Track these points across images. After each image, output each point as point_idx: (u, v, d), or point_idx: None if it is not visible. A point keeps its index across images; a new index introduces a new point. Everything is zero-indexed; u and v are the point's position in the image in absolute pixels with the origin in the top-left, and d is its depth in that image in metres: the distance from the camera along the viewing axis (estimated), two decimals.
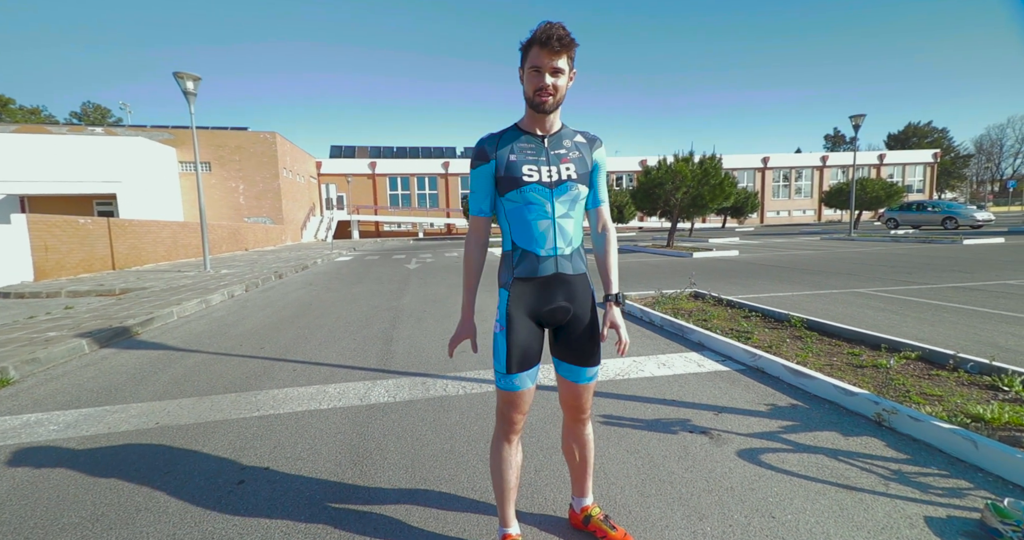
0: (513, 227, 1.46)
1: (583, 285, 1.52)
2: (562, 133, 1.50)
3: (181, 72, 9.72)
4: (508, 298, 1.47)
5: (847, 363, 3.33)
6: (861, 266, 9.30)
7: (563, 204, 1.45)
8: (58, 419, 2.84)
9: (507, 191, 1.43)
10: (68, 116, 50.47)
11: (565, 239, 1.46)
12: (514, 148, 1.43)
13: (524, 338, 1.45)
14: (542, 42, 1.30)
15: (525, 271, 1.46)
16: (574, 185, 1.46)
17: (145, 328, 5.18)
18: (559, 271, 1.46)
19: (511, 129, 1.48)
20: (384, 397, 3.09)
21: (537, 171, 1.43)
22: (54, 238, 9.82)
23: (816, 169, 41.97)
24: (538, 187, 1.42)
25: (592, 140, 1.54)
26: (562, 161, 1.46)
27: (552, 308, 1.48)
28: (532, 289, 1.46)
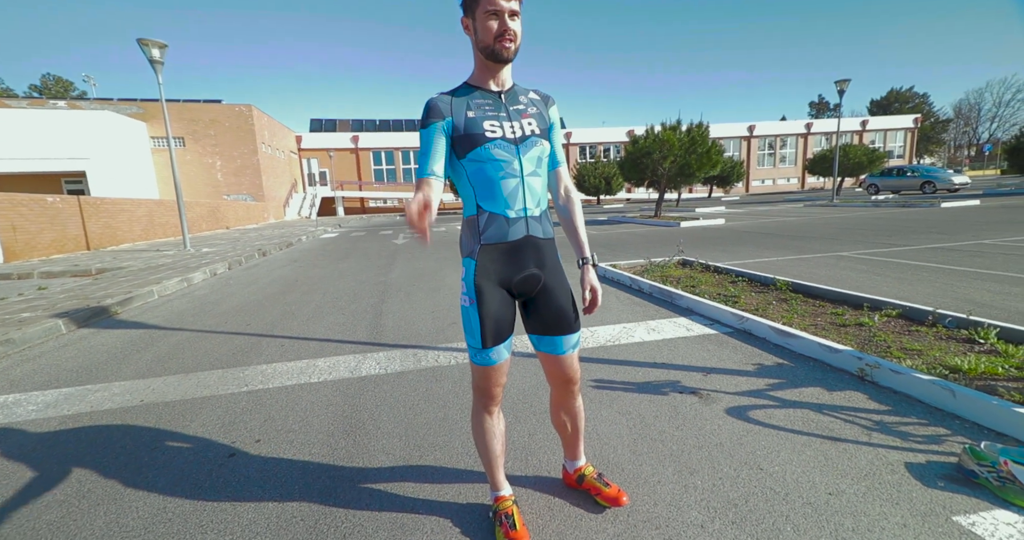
0: (478, 189, 1.35)
1: (552, 250, 1.47)
2: (516, 89, 1.43)
3: (145, 39, 9.12)
4: (475, 268, 1.38)
5: (831, 322, 3.39)
6: (843, 231, 9.44)
7: (530, 161, 1.37)
8: (37, 399, 2.77)
9: (468, 150, 1.32)
10: (27, 90, 47.61)
11: (534, 198, 1.39)
12: (470, 104, 1.33)
13: (496, 309, 1.38)
14: None
15: (494, 236, 1.37)
16: (538, 140, 1.39)
17: (125, 307, 5.04)
18: (530, 234, 1.39)
19: (462, 87, 1.38)
20: (375, 369, 3.07)
21: (499, 127, 1.33)
22: (22, 217, 9.40)
23: (800, 137, 41.97)
24: (503, 143, 1.33)
25: (545, 98, 1.49)
26: (523, 116, 1.39)
27: (524, 276, 1.41)
28: (502, 255, 1.38)
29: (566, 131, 38.80)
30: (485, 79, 1.37)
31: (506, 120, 1.36)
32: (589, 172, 30.69)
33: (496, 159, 1.33)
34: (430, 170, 1.30)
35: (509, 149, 1.34)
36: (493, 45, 1.27)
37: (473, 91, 1.36)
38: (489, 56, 1.30)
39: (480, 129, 1.31)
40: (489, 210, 1.36)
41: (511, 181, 1.35)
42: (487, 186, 1.34)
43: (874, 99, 60.74)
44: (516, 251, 1.39)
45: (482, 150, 1.32)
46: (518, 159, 1.36)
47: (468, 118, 1.32)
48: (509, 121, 1.36)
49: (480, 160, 1.33)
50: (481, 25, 1.26)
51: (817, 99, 68.09)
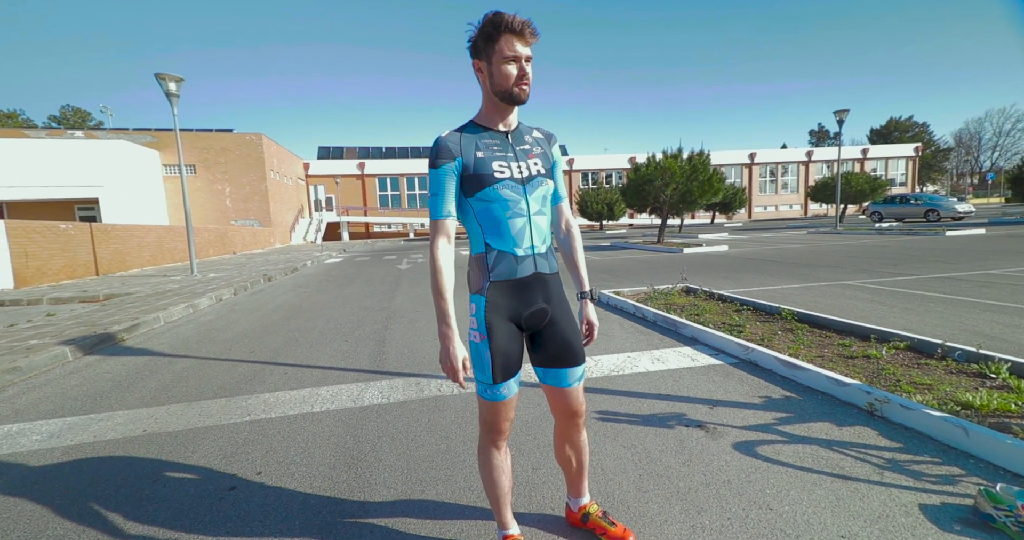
0: (485, 228, 1.38)
1: (558, 284, 1.51)
2: (521, 128, 1.47)
3: (163, 73, 9.54)
4: (486, 304, 1.40)
5: (838, 354, 3.36)
6: (848, 258, 9.43)
7: (536, 200, 1.41)
8: (41, 429, 2.76)
9: (477, 190, 1.35)
10: (47, 120, 49.38)
11: (540, 236, 1.43)
12: (479, 144, 1.36)
13: (506, 344, 1.40)
14: (516, 30, 1.26)
15: (503, 273, 1.39)
16: (544, 180, 1.43)
17: (131, 334, 5.07)
18: (538, 270, 1.43)
19: (469, 126, 1.41)
20: (378, 398, 3.05)
21: (508, 167, 1.37)
22: (34, 244, 9.58)
23: (802, 164, 42.54)
24: (511, 183, 1.36)
25: (548, 136, 1.54)
26: (529, 156, 1.43)
27: (533, 311, 1.44)
28: (511, 292, 1.41)
29: (568, 158, 39.57)
30: (494, 119, 1.40)
31: (514, 160, 1.39)
32: (592, 198, 31.11)
33: (504, 199, 1.36)
34: (446, 211, 1.35)
35: (517, 189, 1.38)
36: (511, 89, 1.31)
37: (481, 131, 1.39)
38: (505, 99, 1.33)
39: (489, 169, 1.35)
40: (498, 248, 1.39)
41: (518, 220, 1.39)
42: (495, 225, 1.38)
43: (874, 128, 61.89)
44: (525, 287, 1.42)
45: (490, 190, 1.35)
46: (525, 199, 1.39)
47: (477, 158, 1.34)
48: (516, 161, 1.40)
49: (488, 200, 1.36)
50: (498, 70, 1.30)
51: (817, 127, 69.48)
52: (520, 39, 1.28)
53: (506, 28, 1.26)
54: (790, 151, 43.81)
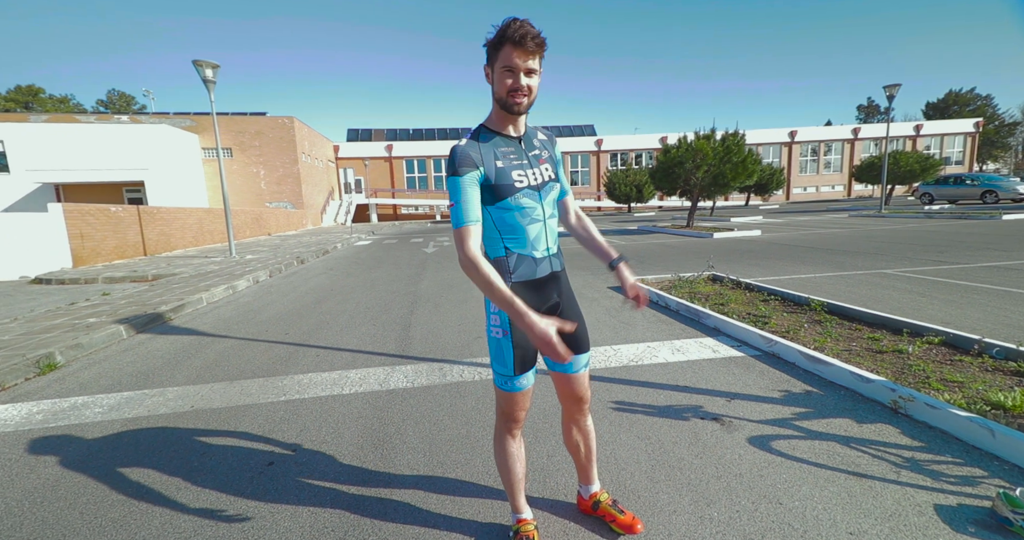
0: (505, 233, 1.43)
1: (567, 279, 1.62)
2: (529, 133, 1.50)
3: (200, 60, 9.80)
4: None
5: (866, 348, 3.28)
6: (890, 245, 8.99)
7: (549, 205, 1.50)
8: (102, 402, 3.05)
9: (500, 199, 1.38)
10: (95, 105, 51.73)
11: (553, 238, 1.52)
12: (497, 153, 1.38)
13: (525, 339, 1.47)
14: (516, 41, 1.24)
15: (524, 274, 1.47)
16: (554, 184, 1.51)
17: (177, 314, 5.43)
18: (553, 270, 1.53)
19: (482, 131, 1.41)
20: (403, 382, 3.20)
21: (524, 175, 1.41)
22: (88, 226, 10.25)
23: (847, 142, 40.10)
24: (529, 191, 1.42)
25: (550, 136, 1.60)
26: (540, 162, 1.48)
27: (550, 305, 1.53)
28: (530, 290, 1.48)
29: (597, 138, 38.63)
30: (504, 125, 1.42)
31: (529, 168, 1.44)
32: (620, 180, 30.40)
33: (523, 206, 1.42)
34: (472, 217, 1.32)
35: (533, 196, 1.44)
36: (506, 99, 1.33)
37: (494, 136, 1.41)
38: (503, 107, 1.36)
39: (510, 179, 1.38)
40: (518, 251, 1.46)
41: (535, 226, 1.45)
42: (514, 231, 1.43)
43: (930, 102, 57.25)
44: (543, 285, 1.51)
45: (512, 199, 1.40)
46: (540, 205, 1.46)
47: (498, 168, 1.36)
48: (531, 168, 1.45)
49: (508, 208, 1.40)
50: (498, 78, 1.32)
51: (866, 102, 64.96)
52: (520, 50, 1.26)
53: (508, 38, 1.25)
54: (834, 128, 41.27)
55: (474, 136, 1.42)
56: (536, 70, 1.32)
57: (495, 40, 1.29)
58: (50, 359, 3.66)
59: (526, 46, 1.25)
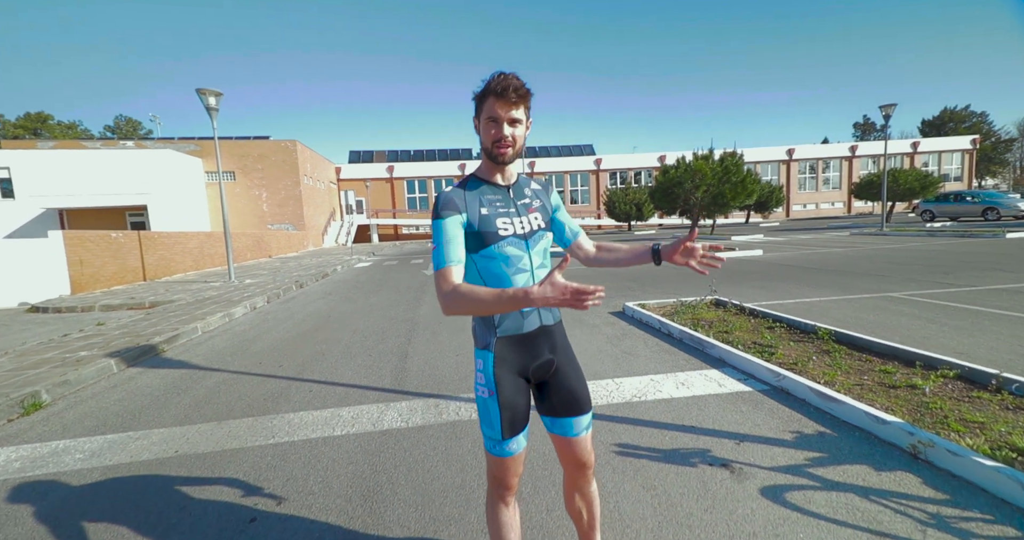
0: (490, 284, 1.37)
1: (562, 332, 1.52)
2: (520, 182, 1.49)
3: (204, 89, 9.97)
4: (493, 360, 1.39)
5: (879, 383, 3.16)
6: (893, 265, 8.89)
7: (538, 254, 1.43)
8: (84, 446, 2.92)
9: (482, 247, 1.35)
10: (102, 130, 52.74)
11: None
12: (483, 200, 1.37)
13: (514, 399, 1.39)
14: (498, 93, 1.27)
15: (510, 329, 1.40)
16: (544, 234, 1.46)
17: (171, 345, 5.32)
18: (543, 323, 1.44)
19: (471, 179, 1.41)
20: (397, 422, 3.07)
21: (511, 223, 1.38)
22: (88, 252, 10.24)
23: (845, 160, 40.49)
24: (514, 239, 1.37)
25: (545, 186, 1.58)
26: (529, 211, 1.44)
27: (540, 363, 1.44)
28: (518, 346, 1.41)
29: (596, 157, 39.06)
30: (492, 174, 1.42)
31: (516, 216, 1.41)
32: (619, 198, 30.63)
33: (507, 256, 1.37)
34: (452, 258, 1.27)
35: (520, 245, 1.39)
36: (492, 149, 1.33)
37: (482, 185, 1.40)
38: (489, 157, 1.36)
39: (493, 227, 1.35)
40: None
41: (522, 276, 1.39)
42: (498, 282, 1.38)
43: (926, 119, 58.02)
44: (531, 340, 1.43)
45: (494, 248, 1.36)
46: (528, 254, 1.40)
47: (482, 215, 1.35)
48: (519, 217, 1.41)
49: (491, 257, 1.36)
50: (483, 129, 1.33)
51: (862, 120, 65.84)
52: (502, 101, 1.28)
53: (490, 90, 1.29)
54: (832, 146, 41.75)
55: (461, 184, 1.41)
56: (520, 120, 1.33)
57: (480, 93, 1.32)
58: (35, 397, 3.55)
59: (508, 97, 1.27)
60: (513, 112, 1.30)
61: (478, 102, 1.34)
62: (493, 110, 1.29)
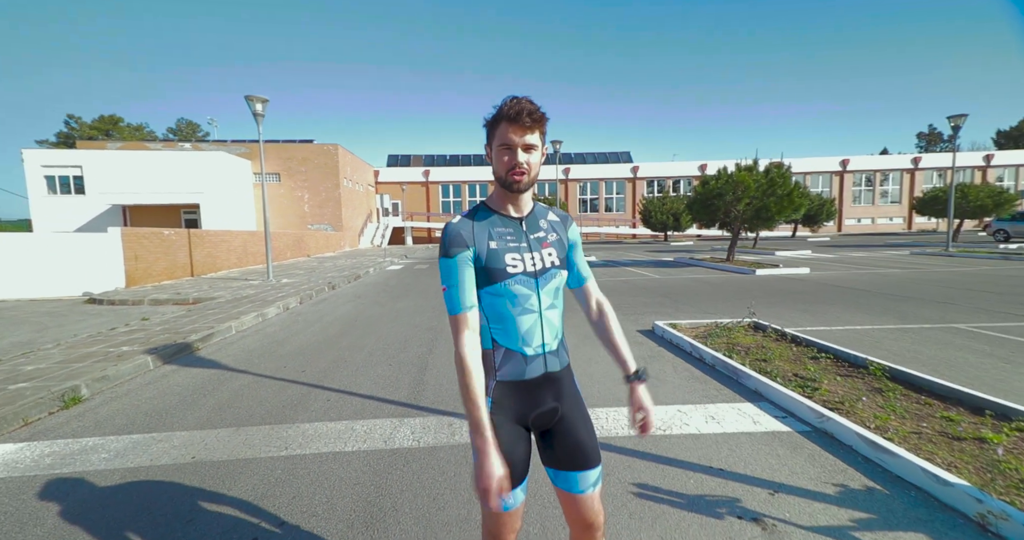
0: (492, 323, 1.29)
1: (570, 379, 1.39)
2: (536, 212, 1.37)
3: (252, 96, 10.45)
4: (491, 405, 1.28)
5: (940, 432, 2.81)
6: (961, 292, 8.12)
7: (548, 294, 1.31)
8: (111, 446, 3.02)
9: (489, 284, 1.26)
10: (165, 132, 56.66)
11: (552, 333, 1.33)
12: (492, 233, 1.28)
13: (511, 450, 1.26)
14: (511, 118, 1.19)
15: (510, 374, 1.29)
16: (557, 272, 1.33)
17: (205, 344, 5.52)
18: (548, 370, 1.32)
19: (481, 209, 1.33)
20: (409, 440, 3.01)
21: (521, 260, 1.28)
22: (143, 248, 10.91)
23: (906, 172, 37.90)
24: (523, 277, 1.27)
25: (565, 218, 1.44)
26: (543, 246, 1.33)
27: (543, 411, 1.32)
28: (518, 393, 1.30)
29: (633, 165, 38.34)
30: (503, 203, 1.33)
31: (527, 251, 1.30)
32: (656, 208, 29.88)
33: (514, 295, 1.27)
34: (467, 303, 1.24)
35: (529, 284, 1.28)
36: (505, 177, 1.25)
37: (492, 215, 1.31)
38: (503, 186, 1.29)
39: (502, 263, 1.26)
40: (506, 346, 1.30)
41: (529, 317, 1.29)
42: (503, 321, 1.29)
43: (1001, 130, 53.56)
44: (534, 388, 1.31)
45: (502, 286, 1.27)
46: (537, 294, 1.29)
47: (490, 249, 1.26)
48: (530, 252, 1.31)
49: (497, 294, 1.27)
50: (496, 156, 1.26)
51: (927, 130, 61.56)
52: (516, 127, 1.20)
53: (503, 115, 1.21)
54: (892, 157, 39.26)
55: (470, 213, 1.32)
56: (535, 146, 1.24)
57: (492, 119, 1.25)
58: (75, 392, 3.73)
59: (522, 122, 1.19)
60: (528, 137, 1.22)
61: (490, 129, 1.26)
62: (506, 136, 1.21)
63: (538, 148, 1.25)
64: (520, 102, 1.20)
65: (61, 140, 48.27)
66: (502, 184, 1.28)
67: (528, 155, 1.23)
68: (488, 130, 1.27)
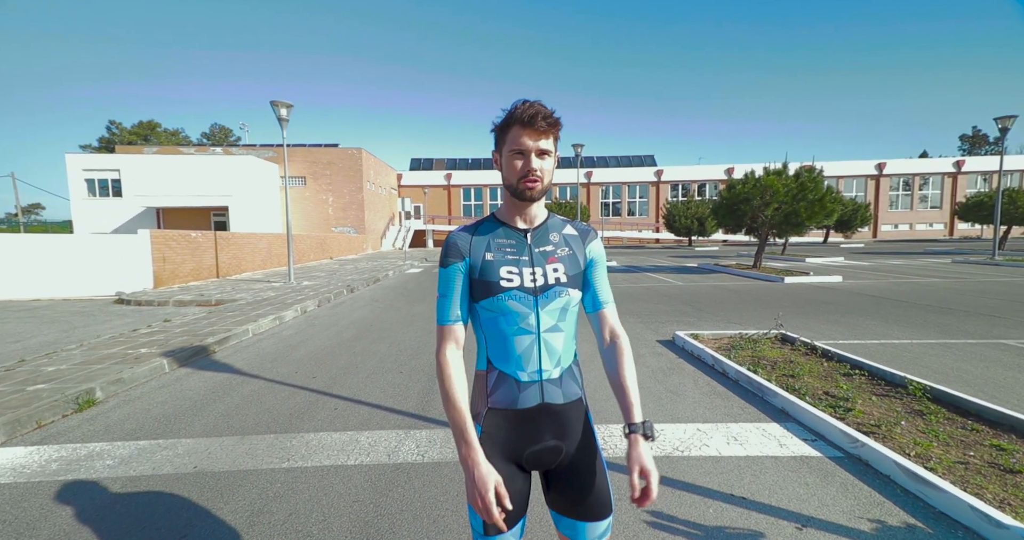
0: (489, 341, 1.19)
1: (578, 415, 1.22)
2: (548, 225, 1.25)
3: (277, 101, 10.67)
4: (480, 434, 1.17)
5: (989, 463, 2.55)
6: (1009, 304, 7.57)
7: (550, 314, 1.17)
8: (117, 452, 3.02)
9: (484, 297, 1.17)
10: (199, 137, 58.94)
11: (552, 359, 1.18)
12: (491, 244, 1.20)
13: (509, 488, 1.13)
14: (524, 122, 1.10)
15: (502, 400, 1.17)
16: (563, 290, 1.19)
17: (221, 346, 5.58)
18: (545, 401, 1.17)
19: (488, 220, 1.26)
20: (413, 455, 2.91)
21: (518, 273, 1.17)
22: (171, 250, 11.25)
23: (948, 176, 36.13)
24: (518, 294, 1.16)
25: (585, 232, 1.30)
26: (548, 261, 1.20)
27: (538, 449, 1.17)
28: (511, 424, 1.17)
29: (657, 169, 37.68)
30: (512, 215, 1.23)
31: (527, 265, 1.19)
32: (680, 212, 29.32)
33: (510, 311, 1.16)
34: (453, 315, 1.18)
35: (526, 300, 1.16)
36: (516, 185, 1.16)
37: (498, 227, 1.23)
38: (514, 194, 1.19)
39: (496, 276, 1.16)
40: (500, 368, 1.19)
41: (524, 338, 1.16)
42: (498, 339, 1.18)
43: None
44: (529, 420, 1.17)
45: (495, 300, 1.16)
46: (535, 312, 1.17)
47: (486, 261, 1.18)
48: (531, 266, 1.19)
49: (491, 309, 1.17)
50: (507, 163, 1.16)
51: (971, 132, 58.68)
52: (529, 131, 1.11)
53: (516, 119, 1.12)
54: (932, 161, 37.45)
55: (474, 224, 1.25)
56: (549, 151, 1.15)
57: (502, 123, 1.16)
58: (90, 395, 3.78)
59: (536, 126, 1.10)
60: (542, 142, 1.13)
61: (499, 134, 1.18)
62: (519, 141, 1.12)
63: (552, 154, 1.16)
64: (533, 105, 1.12)
65: (103, 145, 50.77)
66: (512, 192, 1.18)
67: (542, 161, 1.14)
68: (498, 135, 1.19)
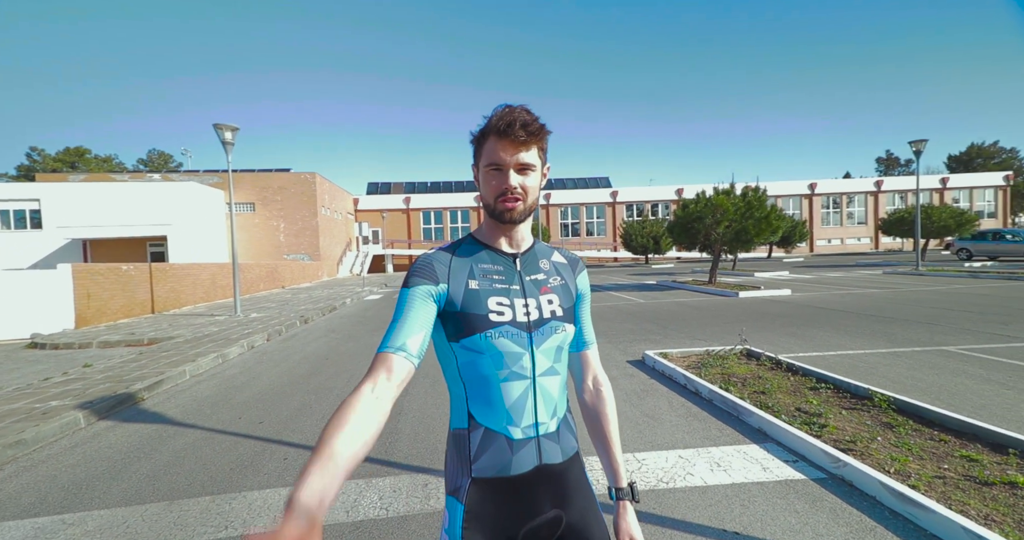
0: (471, 390, 0.96)
1: (578, 472, 1.04)
2: (535, 249, 1.08)
3: (221, 124, 10.14)
4: (463, 516, 0.93)
5: (965, 475, 2.56)
6: (941, 311, 8.14)
7: (545, 354, 0.98)
8: (6, 535, 2.49)
9: (464, 336, 0.94)
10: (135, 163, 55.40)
11: (549, 408, 0.99)
12: (474, 270, 0.99)
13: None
14: (501, 131, 0.93)
15: (490, 467, 0.94)
16: (559, 325, 1.01)
17: (152, 392, 4.96)
18: (544, 462, 0.97)
19: (466, 241, 1.05)
20: (375, 509, 2.58)
21: (509, 305, 0.97)
22: (97, 285, 10.18)
23: (870, 194, 39.67)
24: (511, 329, 0.95)
25: (574, 261, 1.14)
26: (542, 291, 1.02)
27: (536, 526, 0.96)
28: (502, 497, 0.95)
29: (612, 190, 39.03)
30: (495, 236, 1.04)
31: (519, 296, 0.99)
32: (636, 231, 30.28)
33: (499, 352, 0.95)
34: (396, 343, 0.86)
35: (520, 339, 0.96)
36: (494, 205, 0.98)
37: (480, 250, 1.02)
38: (492, 215, 1.01)
39: (483, 309, 0.95)
40: (485, 424, 0.96)
41: (517, 385, 0.96)
42: (483, 388, 0.96)
43: (952, 154, 57.19)
44: (524, 489, 0.96)
45: (481, 338, 0.94)
46: (530, 353, 0.97)
47: (469, 290, 0.96)
48: (523, 297, 1.00)
49: (477, 350, 0.95)
50: (483, 179, 0.99)
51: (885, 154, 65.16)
52: (507, 142, 0.93)
53: (492, 128, 0.95)
54: (856, 181, 41.18)
55: (453, 245, 1.03)
56: (532, 165, 0.97)
57: (479, 133, 0.98)
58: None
59: (515, 136, 0.92)
60: (522, 155, 0.95)
61: (477, 145, 1.00)
62: (496, 154, 0.95)
63: (536, 168, 0.98)
64: (513, 112, 0.94)
65: (22, 173, 46.58)
66: (491, 213, 1.00)
67: (523, 177, 0.96)
68: (475, 147, 1.01)
